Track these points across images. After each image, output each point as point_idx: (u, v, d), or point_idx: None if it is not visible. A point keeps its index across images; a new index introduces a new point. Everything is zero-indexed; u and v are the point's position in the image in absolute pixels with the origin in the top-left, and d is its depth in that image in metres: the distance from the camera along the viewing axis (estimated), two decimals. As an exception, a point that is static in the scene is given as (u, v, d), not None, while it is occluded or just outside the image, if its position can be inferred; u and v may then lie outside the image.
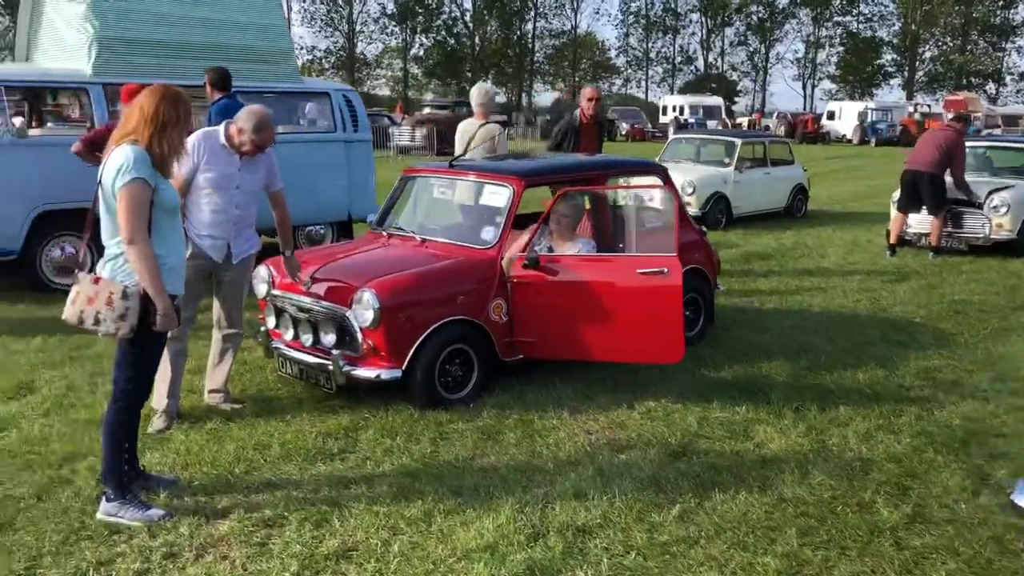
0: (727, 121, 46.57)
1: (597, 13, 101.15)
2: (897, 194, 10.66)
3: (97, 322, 3.47)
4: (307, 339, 5.11)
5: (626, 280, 4.94)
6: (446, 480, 4.06)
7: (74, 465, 4.16)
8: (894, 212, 10.63)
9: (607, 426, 4.82)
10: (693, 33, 67.20)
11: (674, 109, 49.72)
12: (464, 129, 7.27)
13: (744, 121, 46.48)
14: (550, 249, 5.33)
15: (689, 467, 4.23)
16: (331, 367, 4.85)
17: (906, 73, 67.26)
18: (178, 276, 3.66)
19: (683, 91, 62.26)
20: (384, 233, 5.85)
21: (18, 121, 7.45)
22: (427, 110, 35.04)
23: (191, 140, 4.59)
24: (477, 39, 62.80)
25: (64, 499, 3.81)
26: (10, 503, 3.78)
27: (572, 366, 5.53)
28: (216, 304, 4.98)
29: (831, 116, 45.52)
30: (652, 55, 67.15)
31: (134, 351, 3.58)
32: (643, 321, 4.89)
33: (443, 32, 64.94)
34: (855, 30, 67.70)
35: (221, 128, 4.71)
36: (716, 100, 51.77)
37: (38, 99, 9.29)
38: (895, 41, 67.65)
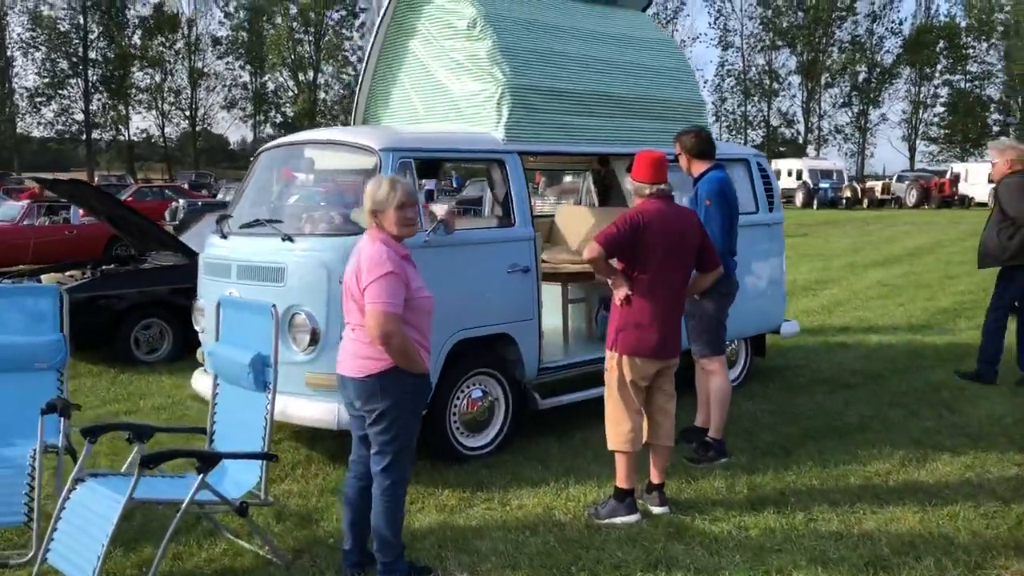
0: (856, 186, 43.42)
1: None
2: None
3: None
4: None
5: None
6: None
7: None
8: None
9: None
10: (794, 95, 64.41)
11: (790, 174, 46.88)
12: None
13: (878, 185, 42.91)
14: None
15: None
16: None
17: (1012, 132, 63.28)
18: None
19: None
20: None
21: (440, 210, 4.95)
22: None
23: None
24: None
25: None
26: None
27: None
28: None
29: (955, 179, 41.74)
30: (750, 119, 64.58)
31: None
32: None
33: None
34: (964, 88, 64.35)
35: None
36: (835, 163, 48.76)
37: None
38: (1004, 98, 64.11)
